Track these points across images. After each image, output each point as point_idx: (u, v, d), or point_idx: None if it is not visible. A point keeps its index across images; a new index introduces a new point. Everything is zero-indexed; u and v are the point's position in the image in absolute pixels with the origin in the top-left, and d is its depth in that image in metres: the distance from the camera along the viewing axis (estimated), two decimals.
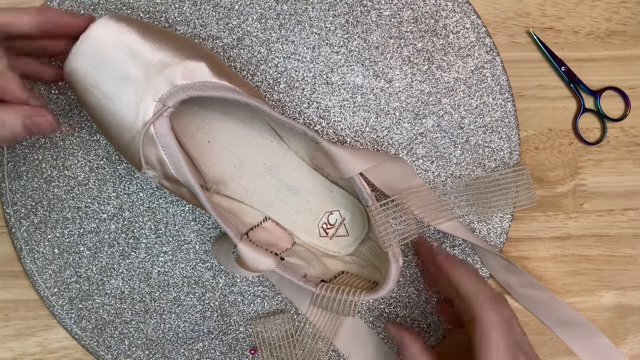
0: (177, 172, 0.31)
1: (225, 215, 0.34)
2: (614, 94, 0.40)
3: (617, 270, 0.40)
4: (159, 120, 0.30)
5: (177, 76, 0.31)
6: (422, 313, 0.39)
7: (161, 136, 0.31)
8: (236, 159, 0.37)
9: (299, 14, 0.37)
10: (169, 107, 0.30)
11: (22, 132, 0.29)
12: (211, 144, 0.36)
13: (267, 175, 0.37)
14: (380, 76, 0.38)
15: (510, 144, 0.38)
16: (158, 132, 0.31)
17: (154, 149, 0.31)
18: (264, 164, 0.37)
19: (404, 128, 0.38)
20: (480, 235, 0.38)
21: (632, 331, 0.40)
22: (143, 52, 0.31)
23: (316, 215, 0.37)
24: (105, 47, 0.31)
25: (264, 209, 0.37)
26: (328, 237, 0.37)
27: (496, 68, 0.38)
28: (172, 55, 0.31)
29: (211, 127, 0.36)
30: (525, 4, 0.39)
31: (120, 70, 0.31)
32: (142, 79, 0.31)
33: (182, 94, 0.30)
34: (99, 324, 0.38)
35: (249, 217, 0.36)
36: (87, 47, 0.31)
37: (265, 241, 0.35)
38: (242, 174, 0.37)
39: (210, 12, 0.37)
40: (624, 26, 0.39)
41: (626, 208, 0.40)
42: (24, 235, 0.37)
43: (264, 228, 0.36)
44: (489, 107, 0.38)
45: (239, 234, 0.33)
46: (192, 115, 0.36)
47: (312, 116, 0.38)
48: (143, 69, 0.31)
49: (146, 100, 0.30)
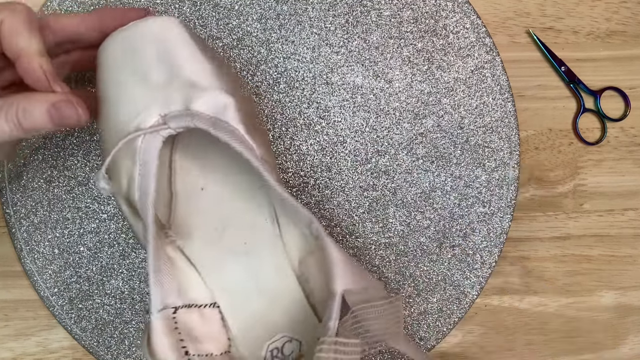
0: (139, 199, 0.26)
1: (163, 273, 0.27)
2: (614, 94, 0.40)
3: (617, 270, 0.40)
4: (151, 136, 0.26)
5: (198, 101, 0.27)
6: None
7: (145, 152, 0.26)
8: (219, 223, 0.31)
9: (299, 14, 0.37)
10: (169, 127, 0.26)
11: (48, 122, 0.26)
12: (204, 192, 0.31)
13: (243, 258, 0.31)
14: (380, 76, 0.38)
15: (510, 144, 0.38)
16: (144, 147, 0.26)
17: (130, 162, 0.26)
18: (245, 243, 0.31)
19: (404, 128, 0.38)
20: (480, 234, 0.38)
21: (632, 331, 0.40)
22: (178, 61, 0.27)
23: (272, 333, 0.29)
24: (144, 37, 0.27)
25: (218, 293, 0.29)
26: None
27: (496, 68, 0.38)
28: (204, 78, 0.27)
29: (213, 176, 0.31)
30: (525, 4, 0.39)
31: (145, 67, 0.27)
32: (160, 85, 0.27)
33: (189, 121, 0.26)
34: (99, 324, 0.38)
35: (194, 292, 0.29)
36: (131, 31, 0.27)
37: (191, 331, 0.27)
38: (217, 242, 0.31)
39: (210, 12, 0.37)
40: (624, 26, 0.39)
41: (626, 208, 0.40)
42: (24, 235, 0.37)
43: (203, 315, 0.29)
44: (489, 107, 0.38)
45: (162, 303, 0.26)
46: (202, 153, 0.32)
47: (312, 116, 0.38)
48: (168, 76, 0.27)
49: (151, 110, 0.27)
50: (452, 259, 0.38)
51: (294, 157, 0.38)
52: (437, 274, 0.38)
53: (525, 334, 0.40)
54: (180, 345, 0.26)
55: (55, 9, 0.37)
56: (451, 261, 0.38)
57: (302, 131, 0.38)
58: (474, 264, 0.39)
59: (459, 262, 0.38)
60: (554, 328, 0.40)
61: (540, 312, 0.40)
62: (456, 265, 0.38)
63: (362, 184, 0.38)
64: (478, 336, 0.40)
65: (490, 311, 0.40)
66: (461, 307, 0.38)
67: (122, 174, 0.26)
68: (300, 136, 0.38)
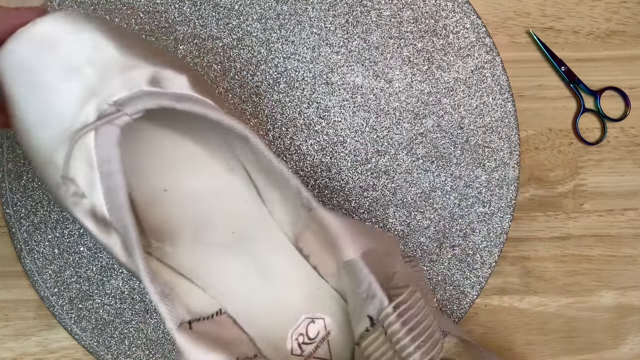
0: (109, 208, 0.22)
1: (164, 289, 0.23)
2: (614, 94, 0.40)
3: (617, 270, 0.40)
4: (105, 127, 0.21)
5: (144, 80, 0.23)
6: None
7: (102, 149, 0.21)
8: (198, 219, 0.27)
9: (299, 14, 0.37)
10: (124, 113, 0.22)
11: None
12: (168, 193, 0.27)
13: (235, 250, 0.27)
14: (380, 76, 0.38)
15: (510, 144, 0.38)
16: (99, 142, 0.21)
17: (86, 165, 0.22)
18: (233, 232, 0.27)
19: (404, 128, 0.38)
20: (480, 234, 0.38)
21: (632, 331, 0.40)
22: (107, 46, 0.23)
23: (292, 319, 0.26)
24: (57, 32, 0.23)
25: (220, 298, 0.26)
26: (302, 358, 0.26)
27: (496, 68, 0.38)
28: (143, 58, 0.23)
29: (172, 171, 0.27)
30: (525, 4, 0.39)
31: (72, 60, 0.23)
32: (95, 76, 0.23)
33: (148, 101, 0.22)
34: (99, 324, 0.38)
35: (196, 302, 0.25)
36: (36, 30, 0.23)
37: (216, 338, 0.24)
38: (202, 241, 0.27)
39: (210, 12, 0.37)
40: (624, 26, 0.39)
41: (626, 208, 0.40)
42: (24, 235, 0.37)
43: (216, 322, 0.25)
44: (489, 107, 0.38)
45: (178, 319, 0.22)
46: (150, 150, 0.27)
47: (312, 116, 0.38)
48: (101, 64, 0.23)
49: (95, 100, 0.22)
50: (452, 259, 0.38)
51: (294, 157, 0.38)
52: (437, 274, 0.38)
53: (525, 334, 0.40)
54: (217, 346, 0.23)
55: (55, 9, 0.37)
56: (451, 261, 0.38)
57: (302, 131, 0.38)
58: (474, 264, 0.39)
59: (459, 262, 0.38)
60: (554, 328, 0.40)
61: (540, 312, 0.40)
62: (456, 265, 0.38)
63: (362, 184, 0.38)
64: (478, 336, 0.40)
65: (490, 311, 0.40)
66: (461, 307, 0.38)
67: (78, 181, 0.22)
68: (300, 136, 0.38)
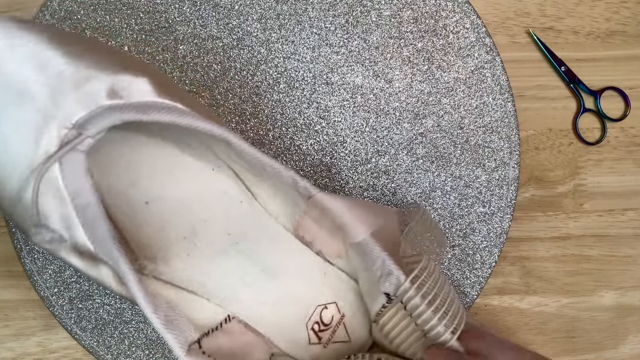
0: (94, 242, 0.20)
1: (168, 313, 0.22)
2: (614, 94, 0.40)
3: (617, 270, 0.40)
4: (69, 155, 0.20)
5: (101, 93, 0.21)
6: None
7: (71, 181, 0.20)
8: (188, 228, 0.26)
9: (299, 14, 0.37)
10: (87, 136, 0.20)
11: None
12: (150, 205, 0.25)
13: (233, 251, 0.26)
14: (380, 76, 0.38)
15: (510, 144, 0.38)
16: (66, 174, 0.20)
17: (58, 200, 0.20)
18: (228, 234, 0.26)
19: (404, 128, 0.38)
20: (480, 234, 0.38)
21: (632, 331, 0.40)
22: (51, 60, 0.21)
23: (304, 310, 0.26)
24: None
25: (226, 303, 0.25)
26: (322, 345, 0.25)
27: (496, 68, 0.38)
28: (97, 66, 0.21)
29: (152, 181, 0.26)
30: (525, 4, 0.39)
31: (14, 83, 0.21)
32: (46, 96, 0.20)
33: (110, 118, 0.20)
34: (99, 324, 0.38)
35: (202, 313, 0.25)
36: None
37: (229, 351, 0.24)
38: (196, 250, 0.26)
39: (210, 12, 0.37)
40: (624, 26, 0.39)
41: (626, 208, 0.40)
42: (24, 235, 0.37)
43: (227, 331, 0.25)
44: (489, 107, 0.38)
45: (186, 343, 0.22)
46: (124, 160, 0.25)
47: (312, 116, 0.38)
48: (50, 82, 0.21)
49: (52, 125, 0.20)
50: (452, 259, 0.38)
51: (294, 157, 0.38)
52: None
53: (525, 334, 0.40)
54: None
55: (56, 9, 0.37)
56: (451, 261, 0.38)
57: (302, 131, 0.38)
58: (474, 264, 0.39)
59: (459, 262, 0.38)
60: (554, 328, 0.40)
61: (540, 312, 0.40)
62: (456, 265, 0.38)
63: (362, 184, 0.38)
64: None
65: (490, 311, 0.40)
66: None
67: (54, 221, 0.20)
68: (300, 136, 0.38)
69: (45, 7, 0.37)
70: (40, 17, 0.37)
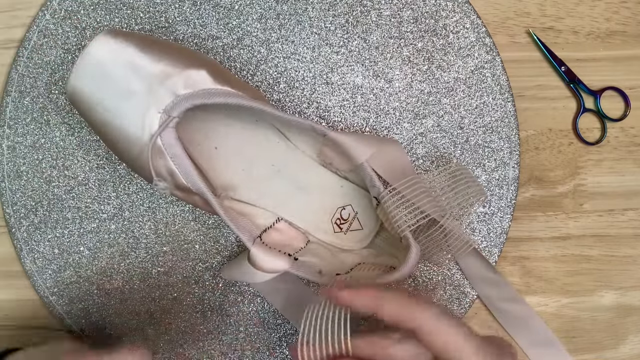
0: (187, 181, 0.32)
1: (238, 220, 0.34)
2: (614, 94, 0.40)
3: (617, 270, 0.40)
4: (165, 131, 0.31)
5: (179, 86, 0.31)
6: None
7: (169, 147, 0.31)
8: (245, 163, 0.37)
9: (299, 14, 0.37)
10: (173, 117, 0.31)
11: None
12: (218, 150, 0.36)
13: (277, 177, 0.37)
14: (380, 76, 0.38)
15: (510, 144, 0.38)
16: (165, 143, 0.31)
17: (163, 160, 0.31)
18: (272, 165, 0.37)
19: (404, 128, 0.38)
20: (480, 234, 0.38)
21: (632, 331, 0.40)
22: (143, 65, 0.31)
23: (329, 212, 0.37)
24: (105, 64, 0.31)
25: (276, 210, 0.37)
26: (343, 232, 0.37)
27: (496, 68, 0.38)
28: (172, 65, 0.31)
29: (217, 133, 0.36)
30: (525, 4, 0.39)
31: (122, 85, 0.31)
32: (144, 92, 0.31)
33: (185, 104, 0.31)
34: (99, 324, 0.38)
35: (261, 219, 0.36)
36: (88, 64, 0.31)
37: (279, 242, 0.36)
38: (252, 178, 0.37)
39: (210, 12, 0.37)
40: (624, 26, 0.39)
41: (626, 208, 0.40)
42: (24, 235, 0.37)
43: (277, 229, 0.36)
44: (489, 107, 0.38)
45: (251, 238, 0.34)
46: (197, 124, 0.36)
47: (312, 116, 0.38)
48: (145, 81, 0.31)
49: (150, 112, 0.31)
50: (452, 258, 0.38)
51: None
52: (437, 274, 0.38)
53: None
54: (282, 252, 0.34)
55: (56, 8, 0.37)
56: (451, 261, 0.38)
57: None
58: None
59: None
60: (554, 328, 0.40)
61: (540, 312, 0.40)
62: (456, 265, 0.38)
63: None
64: None
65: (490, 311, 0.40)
66: (461, 307, 0.38)
67: (163, 173, 0.32)
68: None
69: (45, 7, 0.37)
70: (40, 16, 0.37)
